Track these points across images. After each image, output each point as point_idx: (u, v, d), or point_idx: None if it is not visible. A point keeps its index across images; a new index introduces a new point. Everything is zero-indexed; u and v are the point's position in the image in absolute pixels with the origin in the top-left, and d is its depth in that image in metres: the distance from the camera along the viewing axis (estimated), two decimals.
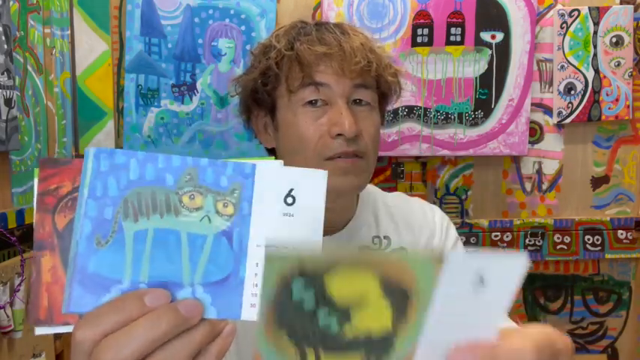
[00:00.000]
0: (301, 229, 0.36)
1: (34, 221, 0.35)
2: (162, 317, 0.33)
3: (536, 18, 1.39)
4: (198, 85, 1.35)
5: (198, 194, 0.35)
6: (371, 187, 0.89)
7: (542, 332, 0.35)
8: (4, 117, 1.05)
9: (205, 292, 0.36)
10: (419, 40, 1.37)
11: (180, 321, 0.34)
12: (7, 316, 0.99)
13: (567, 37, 1.40)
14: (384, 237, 0.83)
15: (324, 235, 0.79)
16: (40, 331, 0.35)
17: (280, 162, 0.37)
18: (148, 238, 0.35)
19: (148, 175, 0.34)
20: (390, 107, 0.87)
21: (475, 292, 0.31)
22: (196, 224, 0.35)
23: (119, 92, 1.35)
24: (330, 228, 0.80)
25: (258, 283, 0.36)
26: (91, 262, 0.34)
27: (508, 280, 0.31)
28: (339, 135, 0.71)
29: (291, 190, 0.36)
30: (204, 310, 0.35)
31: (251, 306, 0.36)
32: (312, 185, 0.36)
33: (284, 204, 0.36)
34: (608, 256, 1.47)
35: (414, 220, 0.85)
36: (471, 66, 1.38)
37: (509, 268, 0.31)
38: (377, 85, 0.77)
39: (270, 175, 0.36)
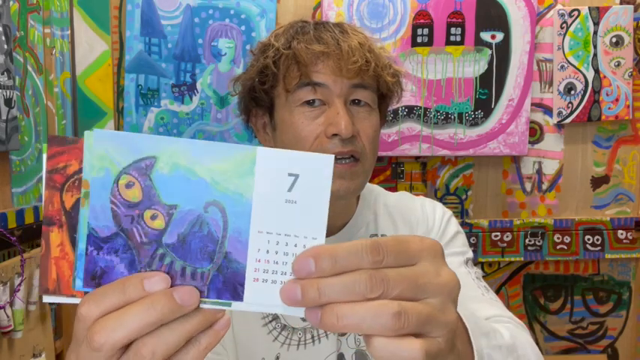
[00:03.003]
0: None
1: (43, 198, 0.36)
2: (157, 304, 0.34)
3: (536, 18, 1.39)
4: (198, 85, 1.35)
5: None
6: (375, 187, 0.89)
7: (397, 237, 0.37)
8: (4, 117, 1.05)
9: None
10: (419, 40, 1.37)
11: (174, 308, 0.35)
12: (7, 316, 0.99)
13: (567, 37, 1.40)
14: (382, 235, 0.83)
15: None
16: (47, 299, 0.36)
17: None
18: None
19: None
20: (390, 107, 0.86)
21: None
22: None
23: (119, 92, 1.35)
24: (328, 228, 0.80)
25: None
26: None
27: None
28: (335, 135, 0.71)
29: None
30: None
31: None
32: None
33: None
34: (608, 256, 1.47)
35: (412, 217, 0.85)
36: (471, 66, 1.38)
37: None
38: (376, 85, 0.77)
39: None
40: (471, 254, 0.83)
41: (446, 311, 0.37)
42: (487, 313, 0.69)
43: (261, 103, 0.78)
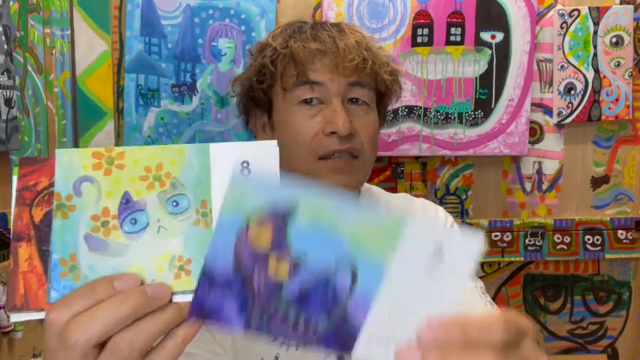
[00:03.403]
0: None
1: (12, 215, 0.37)
2: (129, 297, 0.35)
3: (536, 18, 1.39)
4: (198, 85, 1.35)
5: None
6: (374, 188, 0.88)
7: (507, 312, 0.36)
8: (4, 117, 1.05)
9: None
10: (419, 40, 1.37)
11: (146, 301, 0.35)
12: (7, 316, 0.99)
13: (567, 37, 1.40)
14: None
15: None
16: (15, 317, 0.36)
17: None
18: None
19: None
20: (390, 107, 0.86)
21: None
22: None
23: (119, 92, 1.35)
24: None
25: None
26: None
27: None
28: (333, 133, 0.71)
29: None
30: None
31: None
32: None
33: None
34: (608, 256, 1.46)
35: None
36: (471, 66, 1.38)
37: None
38: (374, 84, 0.77)
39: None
40: None
41: None
42: None
43: (259, 102, 0.78)
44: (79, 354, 0.34)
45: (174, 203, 0.38)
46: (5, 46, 1.06)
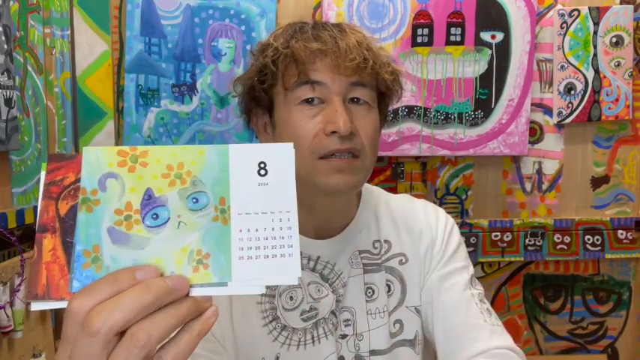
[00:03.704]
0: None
1: (38, 208, 0.39)
2: (151, 287, 0.36)
3: (536, 18, 1.39)
4: (198, 85, 1.35)
5: None
6: (375, 189, 0.88)
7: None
8: (4, 117, 1.05)
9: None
10: (419, 40, 1.37)
11: (166, 291, 0.36)
12: (7, 316, 0.99)
13: (567, 37, 1.40)
14: (385, 241, 0.82)
15: (320, 239, 0.79)
16: (35, 306, 0.37)
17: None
18: None
19: None
20: (390, 107, 0.86)
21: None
22: None
23: (119, 92, 1.35)
24: (328, 231, 0.80)
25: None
26: None
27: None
28: (334, 133, 0.71)
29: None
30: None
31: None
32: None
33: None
34: (608, 256, 1.47)
35: (415, 224, 0.84)
36: (471, 66, 1.38)
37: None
38: (375, 83, 0.77)
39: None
40: (472, 268, 0.83)
41: None
42: (487, 345, 0.72)
43: (260, 102, 0.78)
44: (102, 341, 0.35)
45: (194, 200, 0.40)
46: (5, 46, 1.06)
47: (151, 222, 0.39)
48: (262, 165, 0.41)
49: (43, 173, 0.39)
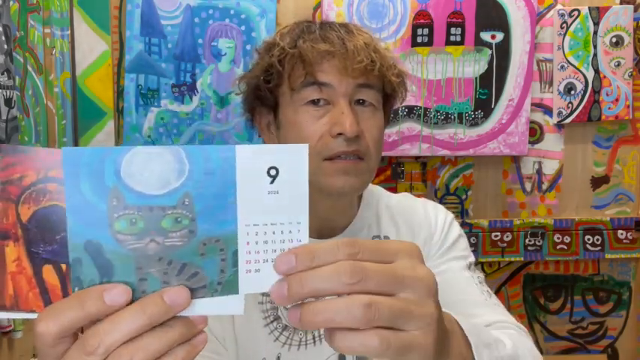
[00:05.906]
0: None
1: None
2: (147, 307, 0.35)
3: (536, 18, 1.39)
4: (198, 85, 1.35)
5: None
6: (375, 188, 0.88)
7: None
8: (4, 117, 1.05)
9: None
10: (419, 40, 1.37)
11: (163, 310, 0.35)
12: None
13: (567, 37, 1.40)
14: (384, 237, 0.83)
15: (323, 239, 0.79)
16: (3, 315, 0.36)
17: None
18: None
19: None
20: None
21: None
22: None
23: (119, 92, 1.35)
24: (330, 231, 0.80)
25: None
26: None
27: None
28: (340, 134, 0.71)
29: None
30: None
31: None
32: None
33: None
34: (608, 256, 1.47)
35: (414, 220, 0.84)
36: (471, 66, 1.38)
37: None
38: (381, 85, 0.77)
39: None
40: (472, 258, 0.83)
41: (423, 305, 0.38)
42: (490, 319, 0.70)
43: (265, 101, 0.78)
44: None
45: None
46: (5, 46, 1.06)
47: None
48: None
49: None
